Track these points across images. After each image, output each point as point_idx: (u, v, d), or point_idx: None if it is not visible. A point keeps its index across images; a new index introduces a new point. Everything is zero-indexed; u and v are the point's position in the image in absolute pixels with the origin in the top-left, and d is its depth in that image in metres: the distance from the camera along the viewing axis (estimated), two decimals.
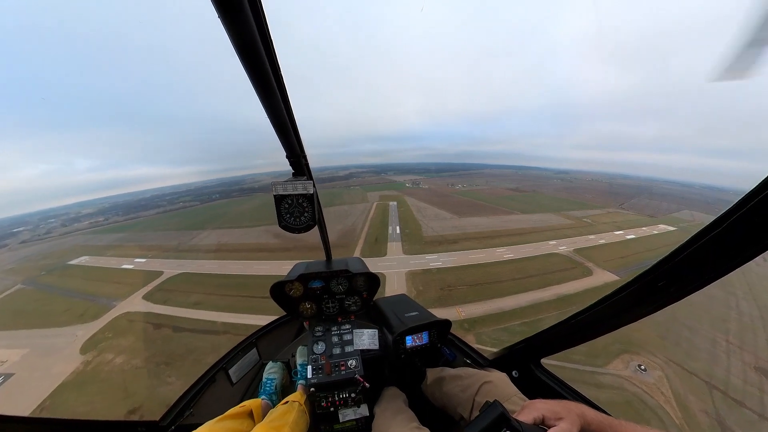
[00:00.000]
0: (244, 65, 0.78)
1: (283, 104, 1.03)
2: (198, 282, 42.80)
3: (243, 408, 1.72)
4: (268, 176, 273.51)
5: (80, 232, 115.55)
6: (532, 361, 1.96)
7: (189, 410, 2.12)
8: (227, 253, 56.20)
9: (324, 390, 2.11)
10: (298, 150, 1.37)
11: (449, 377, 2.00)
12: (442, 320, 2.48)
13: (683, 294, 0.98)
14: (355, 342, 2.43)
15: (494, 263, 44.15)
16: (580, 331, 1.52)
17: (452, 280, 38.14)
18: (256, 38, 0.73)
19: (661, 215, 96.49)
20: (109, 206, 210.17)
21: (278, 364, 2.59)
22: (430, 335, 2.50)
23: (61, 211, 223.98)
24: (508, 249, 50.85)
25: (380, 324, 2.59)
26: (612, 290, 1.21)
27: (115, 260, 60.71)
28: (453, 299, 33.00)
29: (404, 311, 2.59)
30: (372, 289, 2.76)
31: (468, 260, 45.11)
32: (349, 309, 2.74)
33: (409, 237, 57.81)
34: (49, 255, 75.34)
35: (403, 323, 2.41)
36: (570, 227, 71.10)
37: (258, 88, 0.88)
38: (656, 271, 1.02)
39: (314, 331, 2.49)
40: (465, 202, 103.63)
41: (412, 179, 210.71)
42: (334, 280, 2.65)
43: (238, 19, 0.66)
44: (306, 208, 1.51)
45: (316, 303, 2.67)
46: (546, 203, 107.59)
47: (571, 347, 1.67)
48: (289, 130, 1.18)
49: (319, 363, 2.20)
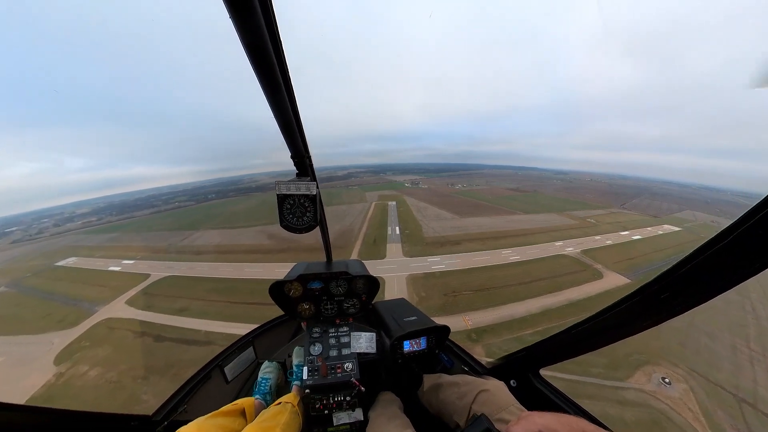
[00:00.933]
0: (253, 66, 0.78)
1: (290, 105, 1.03)
2: (185, 286, 40.55)
3: (236, 406, 1.70)
4: (266, 176, 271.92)
5: (72, 232, 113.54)
6: (531, 371, 1.91)
7: (183, 406, 2.14)
8: (218, 254, 53.87)
9: (319, 392, 2.07)
10: (303, 151, 1.39)
11: (446, 384, 1.97)
12: (441, 326, 2.46)
13: (687, 307, 0.96)
14: (353, 345, 2.39)
15: (500, 266, 41.88)
16: (581, 342, 1.49)
17: (456, 284, 35.83)
18: (266, 39, 0.73)
19: (663, 215, 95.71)
20: (105, 206, 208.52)
21: (274, 363, 2.51)
22: (429, 341, 2.49)
23: (57, 211, 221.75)
24: (513, 250, 48.72)
25: (378, 327, 2.58)
26: (615, 300, 1.18)
27: (103, 262, 58.78)
28: (458, 306, 30.72)
29: (403, 315, 2.60)
30: (371, 292, 2.75)
31: (472, 263, 42.79)
32: (348, 311, 2.75)
33: (410, 238, 55.41)
34: (38, 256, 73.24)
35: (402, 328, 2.41)
36: (575, 227, 70.04)
37: (266, 88, 0.89)
38: (660, 283, 0.99)
39: (312, 332, 2.46)
40: (466, 202, 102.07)
41: (411, 179, 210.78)
42: (333, 282, 2.65)
43: (250, 19, 0.65)
44: (308, 209, 1.52)
45: (314, 304, 2.67)
46: (548, 203, 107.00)
47: (571, 358, 1.63)
48: (295, 131, 1.19)
49: (316, 364, 2.18)
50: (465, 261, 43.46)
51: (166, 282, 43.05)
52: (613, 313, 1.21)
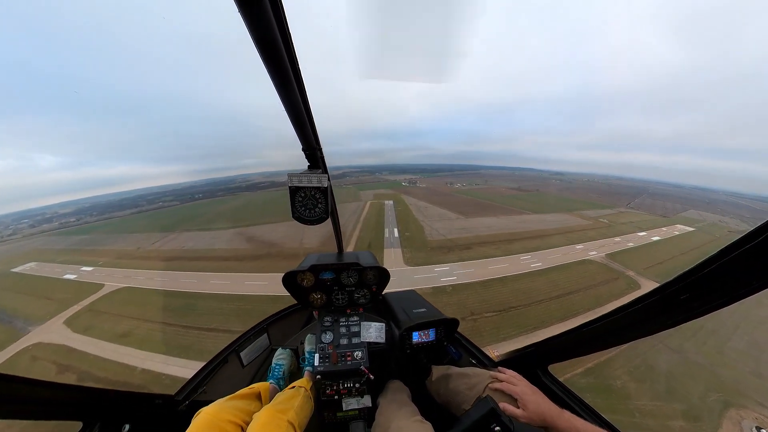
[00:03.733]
0: (264, 61, 0.79)
1: (301, 97, 1.04)
2: (138, 302, 33.71)
3: (252, 390, 1.77)
4: (259, 176, 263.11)
5: (46, 233, 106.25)
6: (540, 367, 1.91)
7: (202, 387, 2.24)
8: (186, 261, 46.56)
9: (329, 378, 2.13)
10: (314, 143, 1.40)
11: (456, 375, 2.00)
12: (449, 318, 2.48)
13: (707, 310, 0.92)
14: (363, 334, 2.41)
15: (522, 276, 35.28)
16: (592, 341, 1.47)
17: (474, 302, 29.00)
18: (276, 32, 0.72)
19: (672, 215, 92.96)
20: (89, 206, 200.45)
21: (287, 350, 2.58)
22: (437, 332, 2.50)
23: (39, 212, 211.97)
24: (532, 256, 42.39)
25: (388, 318, 2.62)
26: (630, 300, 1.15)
27: (61, 268, 51.87)
28: (481, 335, 23.87)
29: (412, 307, 2.65)
30: (381, 283, 2.75)
31: (489, 272, 35.96)
32: (358, 302, 2.75)
33: (411, 242, 48.48)
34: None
35: (411, 319, 2.45)
36: (589, 228, 65.00)
37: (277, 82, 0.89)
38: (679, 283, 0.94)
39: (323, 321, 2.49)
40: (468, 201, 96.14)
41: (408, 178, 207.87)
42: (344, 273, 2.65)
43: (260, 12, 0.65)
44: (320, 201, 1.52)
45: (326, 294, 2.68)
46: (554, 203, 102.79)
47: (581, 356, 1.61)
48: (306, 124, 1.20)
49: (327, 352, 2.22)
50: (480, 270, 36.54)
51: (118, 295, 36.21)
52: (629, 311, 1.16)
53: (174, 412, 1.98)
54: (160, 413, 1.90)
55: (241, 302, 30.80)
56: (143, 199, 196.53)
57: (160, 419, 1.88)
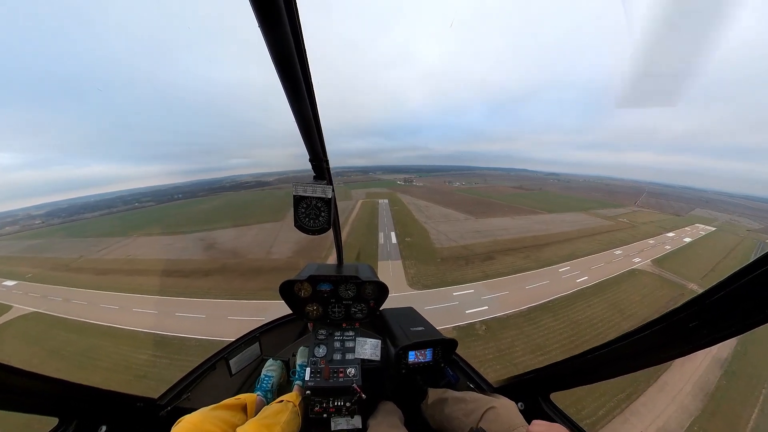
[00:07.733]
0: (280, 75, 0.82)
1: (312, 112, 1.07)
2: (38, 337, 24.72)
3: (238, 400, 1.71)
4: (250, 177, 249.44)
5: (2, 238, 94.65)
6: (541, 394, 1.81)
7: (186, 393, 2.14)
8: (121, 277, 36.59)
9: (320, 394, 2.05)
10: (321, 154, 1.41)
11: (452, 399, 1.92)
12: (448, 339, 2.39)
13: (717, 339, 0.88)
14: (357, 350, 2.34)
15: (572, 298, 26.42)
16: (597, 369, 1.39)
17: (521, 350, 19.37)
18: (293, 49, 0.75)
19: (684, 214, 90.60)
20: (66, 207, 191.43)
21: (278, 362, 2.50)
22: (435, 353, 2.40)
23: (16, 214, 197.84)
24: (571, 266, 33.79)
25: (384, 335, 2.52)
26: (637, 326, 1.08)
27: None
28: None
29: (410, 325, 2.55)
30: (380, 298, 2.59)
31: (528, 295, 26.48)
32: (355, 316, 2.57)
33: (413, 251, 38.72)
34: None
35: (408, 337, 2.37)
36: (614, 229, 58.39)
37: (290, 95, 0.92)
38: (688, 310, 0.90)
39: (317, 334, 2.40)
40: (473, 200, 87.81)
41: (404, 177, 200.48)
42: (342, 285, 2.50)
43: (278, 32, 0.68)
44: (323, 211, 1.54)
45: (322, 306, 2.53)
46: (562, 201, 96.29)
47: (584, 384, 1.51)
48: (315, 135, 1.22)
49: (319, 366, 2.15)
50: (516, 293, 26.93)
51: (20, 324, 27.35)
52: (634, 339, 1.10)
53: (155, 417, 1.89)
54: (140, 417, 1.81)
55: (158, 350, 21.51)
56: (121, 200, 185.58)
57: (140, 423, 1.79)
